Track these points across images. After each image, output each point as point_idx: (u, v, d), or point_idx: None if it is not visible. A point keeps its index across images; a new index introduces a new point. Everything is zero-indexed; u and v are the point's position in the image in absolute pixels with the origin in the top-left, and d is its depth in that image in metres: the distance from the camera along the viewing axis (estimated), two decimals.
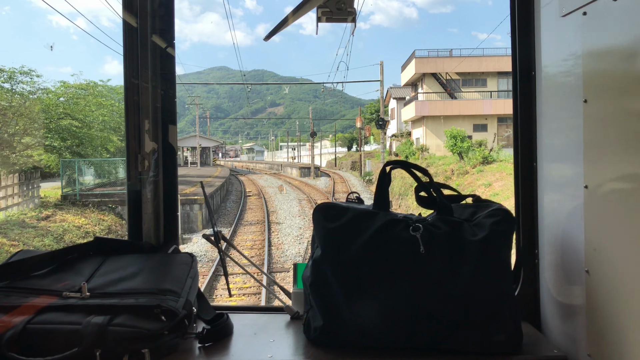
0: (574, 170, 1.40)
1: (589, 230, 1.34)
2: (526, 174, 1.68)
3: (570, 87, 1.43)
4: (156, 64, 1.74)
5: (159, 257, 1.66)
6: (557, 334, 1.55)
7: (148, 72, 1.71)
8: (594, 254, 1.32)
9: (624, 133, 1.21)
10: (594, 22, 1.31)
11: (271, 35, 1.59)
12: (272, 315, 1.71)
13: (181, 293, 1.44)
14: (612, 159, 1.26)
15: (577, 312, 1.43)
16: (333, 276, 1.41)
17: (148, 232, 1.77)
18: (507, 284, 1.43)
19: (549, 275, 1.60)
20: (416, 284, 1.38)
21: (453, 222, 1.45)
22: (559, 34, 1.50)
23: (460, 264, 1.39)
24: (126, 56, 1.72)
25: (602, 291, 1.29)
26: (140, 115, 1.71)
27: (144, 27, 1.70)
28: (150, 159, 1.73)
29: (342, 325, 1.41)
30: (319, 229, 1.47)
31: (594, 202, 1.32)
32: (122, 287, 1.42)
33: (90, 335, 1.25)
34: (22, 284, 1.42)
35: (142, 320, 1.32)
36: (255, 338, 1.53)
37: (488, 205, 1.52)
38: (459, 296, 1.37)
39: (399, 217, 1.46)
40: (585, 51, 1.35)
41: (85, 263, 1.56)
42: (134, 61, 1.70)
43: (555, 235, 1.55)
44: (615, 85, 1.25)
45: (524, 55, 1.66)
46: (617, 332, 1.24)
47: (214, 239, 1.74)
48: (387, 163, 1.52)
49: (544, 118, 1.60)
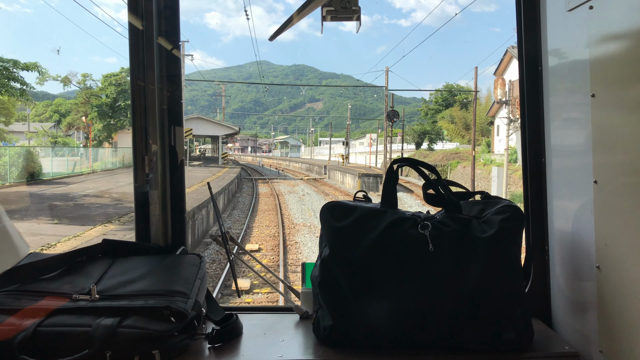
0: (583, 166, 1.39)
1: (599, 225, 1.33)
2: (535, 170, 1.67)
3: (577, 81, 1.42)
4: (162, 66, 1.74)
5: (167, 259, 1.67)
6: (569, 331, 1.54)
7: (154, 74, 1.71)
8: (605, 249, 1.30)
9: (632, 127, 1.20)
10: (601, 15, 1.30)
11: (276, 35, 1.59)
12: (282, 315, 1.71)
13: (190, 294, 1.44)
14: (621, 153, 1.25)
15: (588, 308, 1.41)
16: (341, 275, 1.41)
17: (156, 234, 1.77)
18: (517, 280, 1.42)
19: (560, 271, 1.59)
20: (425, 282, 1.37)
21: (461, 219, 1.44)
22: (566, 28, 1.49)
23: (470, 262, 1.38)
24: (132, 58, 1.72)
25: (613, 287, 1.28)
26: (147, 117, 1.72)
27: (150, 29, 1.70)
28: (157, 161, 1.73)
29: (352, 324, 1.41)
30: (326, 228, 1.47)
31: (603, 197, 1.31)
32: (131, 289, 1.42)
33: (101, 337, 1.25)
34: (32, 287, 1.43)
35: (152, 322, 1.32)
36: (265, 338, 1.53)
37: (497, 202, 1.51)
38: (468, 294, 1.36)
39: (407, 215, 1.45)
40: (592, 45, 1.34)
41: (94, 265, 1.57)
42: (139, 63, 1.71)
43: (565, 231, 1.53)
44: (622, 79, 1.24)
45: (530, 50, 1.65)
46: (629, 327, 1.23)
47: (222, 240, 1.74)
48: (394, 161, 1.51)
49: (552, 113, 1.59)
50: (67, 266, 1.54)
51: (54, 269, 1.51)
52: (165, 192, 1.78)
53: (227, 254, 1.75)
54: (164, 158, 1.76)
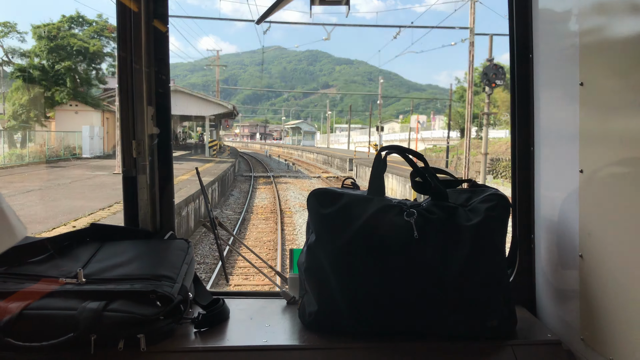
0: (570, 154, 1.39)
1: (583, 214, 1.34)
2: (523, 158, 1.66)
3: (566, 69, 1.41)
4: (150, 48, 1.72)
5: (155, 243, 1.67)
6: (552, 319, 1.55)
7: (142, 55, 1.69)
8: (588, 238, 1.31)
9: (619, 117, 1.20)
10: (590, 2, 1.29)
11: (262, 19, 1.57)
12: (269, 300, 1.72)
13: (177, 279, 1.45)
14: (607, 143, 1.25)
15: (571, 296, 1.42)
16: (327, 261, 1.41)
17: (144, 219, 1.77)
18: (500, 269, 1.43)
19: (545, 260, 1.60)
20: (410, 269, 1.38)
21: (447, 207, 1.44)
22: (556, 14, 1.47)
23: (454, 249, 1.38)
24: (120, 39, 1.70)
25: (595, 276, 1.29)
26: (135, 100, 1.70)
27: (138, 10, 1.68)
28: (144, 145, 1.72)
29: (336, 310, 1.42)
30: (313, 214, 1.47)
31: (589, 187, 1.31)
32: (118, 273, 1.43)
33: (86, 320, 1.26)
34: (18, 270, 1.43)
35: (138, 306, 1.32)
36: (251, 323, 1.54)
37: (484, 190, 1.51)
38: (452, 281, 1.37)
39: (394, 203, 1.45)
40: (582, 32, 1.33)
41: (82, 249, 1.57)
42: (127, 44, 1.69)
43: (551, 220, 1.54)
44: (611, 69, 1.23)
45: (521, 36, 1.63)
46: (609, 316, 1.24)
47: (210, 225, 1.74)
48: (382, 148, 1.51)
49: (542, 102, 1.59)
50: (55, 250, 1.54)
51: (42, 252, 1.51)
52: (154, 176, 1.78)
53: (216, 239, 1.75)
54: (152, 142, 1.75)
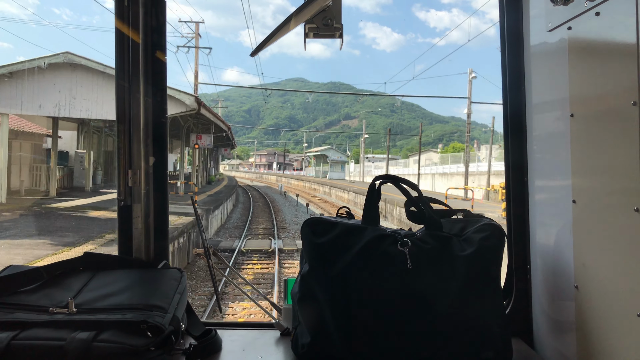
0: (563, 185, 1.40)
1: (577, 245, 1.33)
2: (517, 189, 1.67)
3: (558, 101, 1.43)
4: (148, 78, 1.74)
5: (147, 273, 1.66)
6: (549, 351, 1.53)
7: (139, 85, 1.71)
8: (583, 269, 1.30)
9: (609, 148, 1.21)
10: (579, 36, 1.32)
11: (257, 51, 1.60)
12: (262, 331, 1.70)
13: (168, 309, 1.43)
14: (598, 173, 1.25)
15: (568, 328, 1.41)
16: (320, 292, 1.40)
17: (138, 248, 1.76)
18: (495, 299, 1.42)
19: (541, 290, 1.58)
20: (404, 300, 1.36)
21: (442, 237, 1.44)
22: (547, 48, 1.50)
23: (448, 280, 1.37)
24: (118, 68, 1.72)
25: (591, 307, 1.28)
26: (132, 129, 1.72)
27: (136, 40, 1.71)
28: (140, 174, 1.73)
29: (329, 342, 1.39)
30: (307, 243, 1.46)
31: (582, 217, 1.32)
32: (110, 303, 1.41)
33: (75, 351, 1.24)
34: (9, 299, 1.41)
35: (128, 336, 1.30)
36: (243, 355, 1.51)
37: (478, 220, 1.50)
38: (446, 312, 1.35)
39: (388, 232, 1.45)
40: (571, 65, 1.35)
41: (74, 278, 1.56)
42: (125, 74, 1.71)
43: (547, 250, 1.53)
44: (600, 100, 1.25)
45: (513, 68, 1.66)
46: (606, 349, 1.22)
47: (204, 254, 1.74)
48: (376, 178, 1.52)
49: (535, 133, 1.60)
50: (47, 279, 1.53)
51: (34, 281, 1.50)
52: (149, 206, 1.78)
53: (210, 269, 1.74)
54: (147, 172, 1.76)
